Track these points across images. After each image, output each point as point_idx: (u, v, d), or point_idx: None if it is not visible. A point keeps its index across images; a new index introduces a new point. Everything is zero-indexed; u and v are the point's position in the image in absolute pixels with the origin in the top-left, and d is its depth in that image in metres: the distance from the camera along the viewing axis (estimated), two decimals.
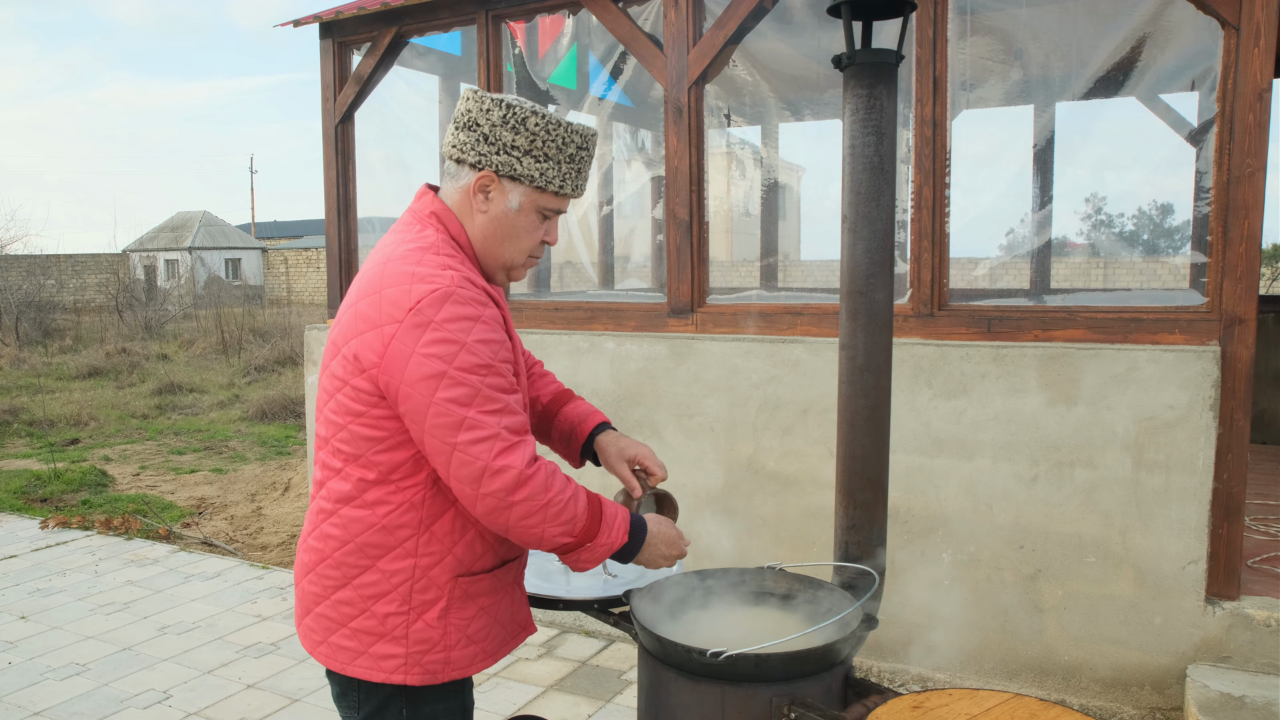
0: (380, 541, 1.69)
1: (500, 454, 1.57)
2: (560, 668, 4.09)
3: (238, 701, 3.80)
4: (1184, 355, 3.46)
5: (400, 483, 1.67)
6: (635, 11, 4.54)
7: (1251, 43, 3.33)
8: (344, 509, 1.70)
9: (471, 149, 1.69)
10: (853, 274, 2.14)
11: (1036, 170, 6.09)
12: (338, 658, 1.74)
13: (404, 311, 1.57)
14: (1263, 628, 3.42)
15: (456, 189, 1.74)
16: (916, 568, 3.94)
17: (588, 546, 1.69)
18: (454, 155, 1.73)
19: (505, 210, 1.72)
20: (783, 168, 7.88)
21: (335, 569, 1.72)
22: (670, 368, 4.41)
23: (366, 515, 1.68)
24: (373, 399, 1.62)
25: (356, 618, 1.71)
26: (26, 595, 5.04)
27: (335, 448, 1.70)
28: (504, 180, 1.70)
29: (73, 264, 33.71)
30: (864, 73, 2.06)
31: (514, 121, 1.67)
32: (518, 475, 1.58)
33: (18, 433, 9.82)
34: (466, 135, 1.70)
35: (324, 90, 5.43)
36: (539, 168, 1.70)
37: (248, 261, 40.11)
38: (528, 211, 1.73)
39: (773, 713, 1.72)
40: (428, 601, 1.71)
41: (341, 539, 1.70)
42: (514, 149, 1.68)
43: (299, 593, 1.81)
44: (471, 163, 1.70)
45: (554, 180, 1.71)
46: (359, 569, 1.70)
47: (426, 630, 1.71)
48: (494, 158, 1.68)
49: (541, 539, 1.64)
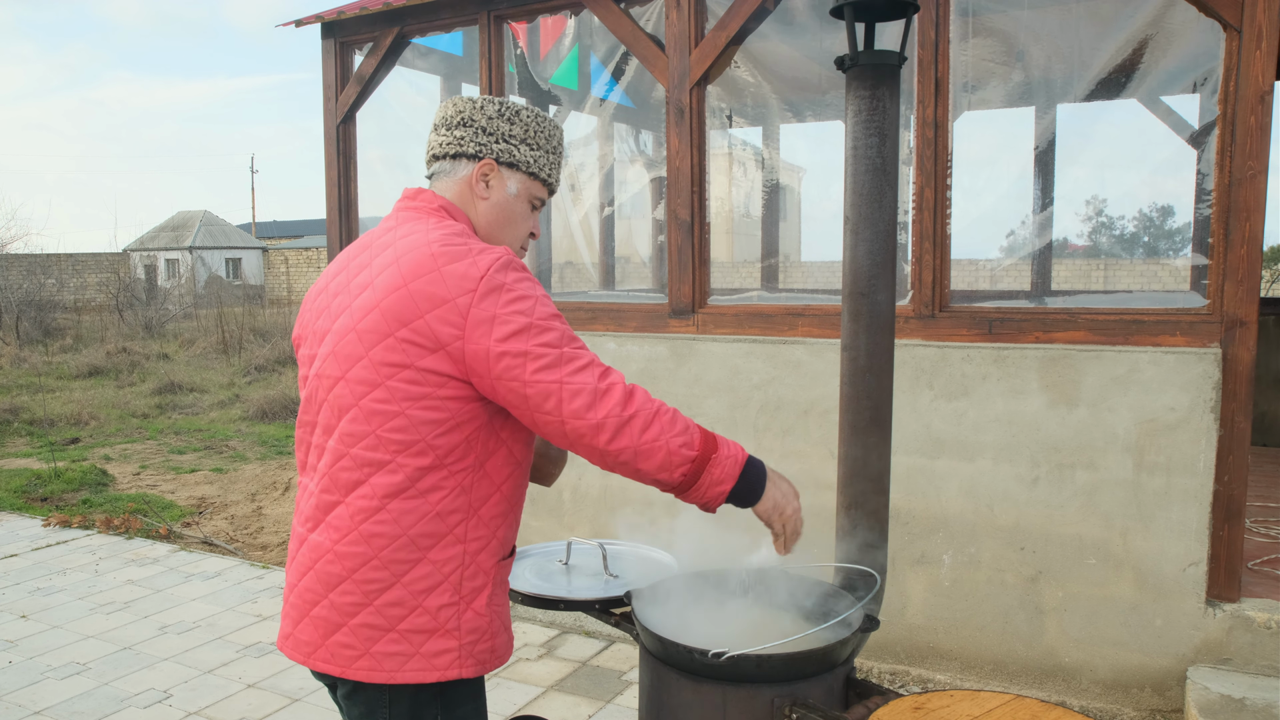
0: (433, 530, 1.66)
1: (602, 375, 1.61)
2: (560, 668, 4.09)
3: (238, 701, 3.80)
4: (1185, 357, 3.46)
5: (452, 466, 1.65)
6: (637, 12, 4.55)
7: (1253, 45, 3.33)
8: (393, 503, 1.64)
9: (471, 141, 1.78)
10: (854, 275, 2.14)
11: (1038, 172, 6.09)
12: (385, 666, 1.66)
13: (476, 280, 1.59)
14: (1263, 630, 3.42)
15: (455, 182, 1.80)
16: (917, 569, 3.94)
17: (715, 460, 1.66)
18: (450, 151, 1.80)
19: (505, 196, 1.80)
20: (784, 169, 7.88)
21: (382, 569, 1.65)
22: (671, 368, 4.41)
23: (419, 505, 1.64)
24: (440, 379, 1.60)
25: (407, 617, 1.66)
26: (27, 594, 5.05)
27: (382, 439, 1.63)
28: (503, 168, 1.79)
29: (73, 263, 33.73)
30: (866, 74, 2.07)
31: (509, 114, 1.79)
32: (623, 389, 1.61)
33: (18, 432, 9.82)
34: (463, 131, 1.79)
35: (325, 90, 5.43)
36: (533, 155, 1.81)
37: (248, 261, 40.13)
38: (522, 199, 1.82)
39: (774, 713, 1.72)
40: (476, 588, 1.71)
41: (391, 535, 1.64)
42: (511, 138, 1.79)
43: (320, 612, 1.68)
44: (471, 154, 1.78)
45: (545, 168, 1.83)
46: (409, 564, 1.65)
47: (476, 619, 1.71)
48: (494, 146, 1.78)
49: (669, 452, 1.62)
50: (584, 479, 4.66)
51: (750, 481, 1.72)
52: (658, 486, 1.66)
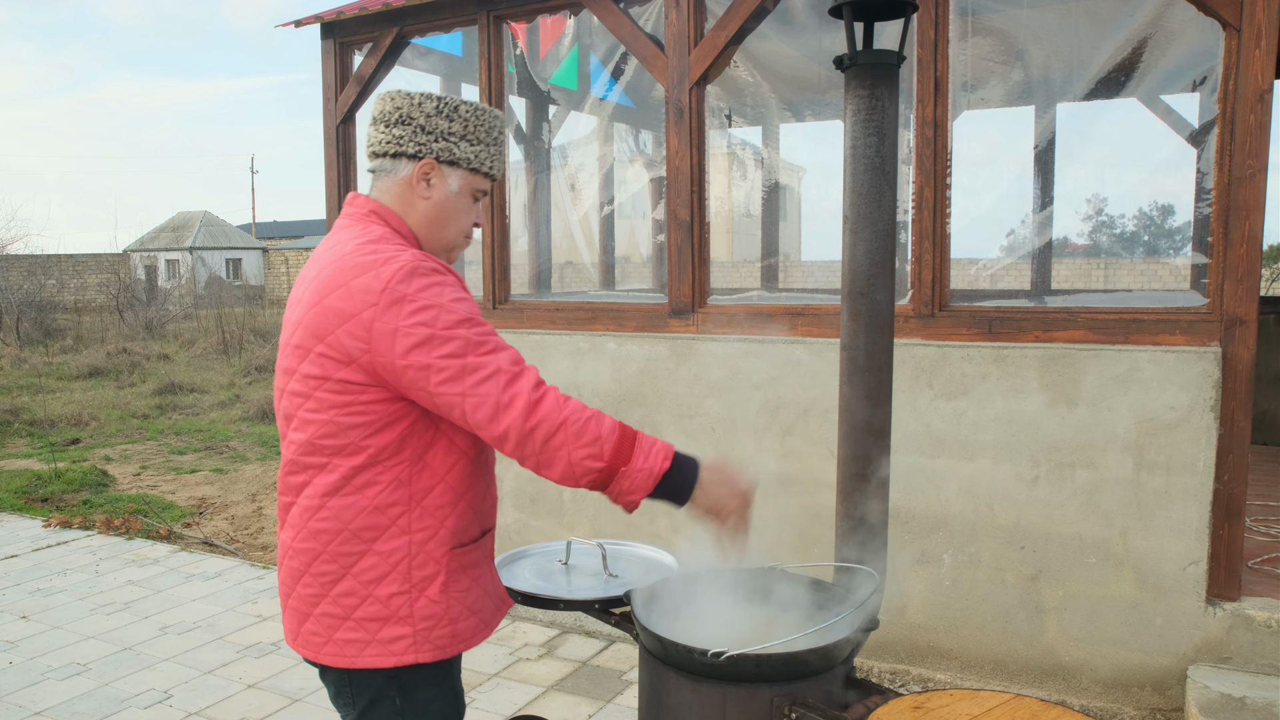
0: (374, 523, 1.72)
1: (506, 385, 1.61)
2: (561, 668, 4.09)
3: (239, 701, 3.80)
4: (1185, 356, 3.46)
5: (386, 462, 1.71)
6: (636, 12, 4.54)
7: (1253, 44, 3.33)
8: (332, 500, 1.72)
9: (410, 140, 1.78)
10: (854, 274, 2.14)
11: (1037, 171, 6.09)
12: (346, 652, 1.76)
13: (377, 294, 1.62)
14: (1263, 628, 3.42)
15: (395, 182, 1.82)
16: (917, 568, 3.94)
17: (623, 473, 1.67)
18: (390, 150, 1.80)
19: (447, 194, 1.82)
20: (783, 168, 7.89)
21: (331, 562, 1.74)
22: (671, 368, 4.41)
23: (357, 500, 1.71)
24: (360, 387, 1.66)
25: (360, 606, 1.74)
26: (27, 595, 5.05)
27: (316, 444, 1.71)
28: (444, 166, 1.81)
29: (73, 264, 33.73)
30: (865, 74, 2.06)
31: (447, 110, 1.79)
32: (527, 399, 1.61)
33: (19, 432, 9.82)
34: (401, 129, 1.79)
35: (325, 91, 5.43)
36: (473, 150, 1.82)
37: (248, 261, 40.13)
38: (464, 194, 1.84)
39: (774, 713, 1.72)
40: (427, 577, 1.75)
41: (334, 530, 1.73)
42: (451, 135, 1.79)
43: (293, 603, 1.81)
44: (410, 153, 1.79)
45: (486, 162, 1.84)
46: (356, 556, 1.73)
47: (430, 606, 1.76)
48: (433, 145, 1.79)
49: (572, 464, 1.63)
50: None
51: (672, 487, 1.72)
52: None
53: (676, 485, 1.73)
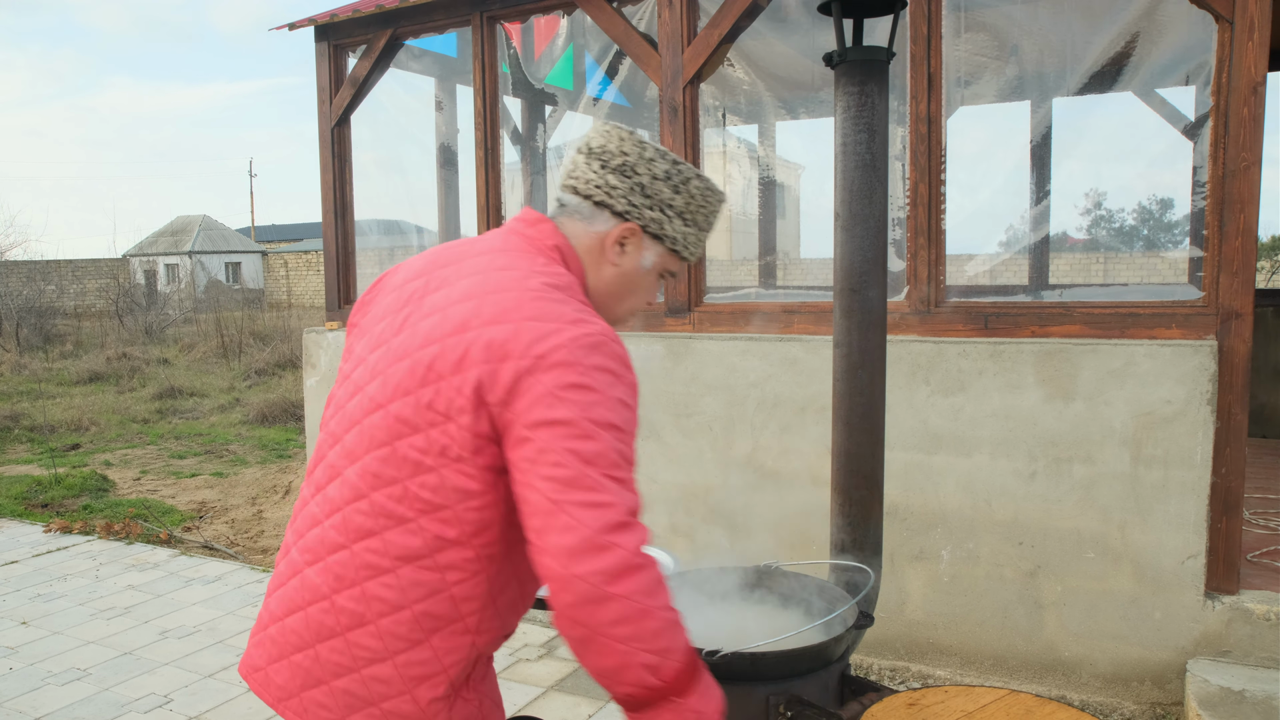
0: (442, 613, 1.44)
1: (612, 530, 1.30)
2: (561, 668, 4.09)
3: (239, 705, 3.80)
4: (1181, 350, 3.46)
5: (481, 549, 1.44)
6: (630, 11, 4.54)
7: (1245, 36, 3.33)
8: (405, 569, 1.43)
9: (623, 196, 1.55)
10: (846, 272, 2.14)
11: (1033, 166, 6.10)
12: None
13: (549, 348, 1.36)
14: (1262, 622, 3.42)
15: (589, 233, 1.57)
16: (916, 565, 3.94)
17: (673, 703, 1.35)
18: (596, 196, 1.56)
19: (637, 267, 1.59)
20: (781, 166, 7.89)
21: (376, 639, 1.45)
22: (668, 367, 4.41)
23: (434, 580, 1.43)
24: (478, 442, 1.39)
25: (392, 699, 1.45)
26: (28, 600, 5.05)
27: (410, 493, 1.41)
28: (646, 237, 1.58)
29: (73, 269, 33.76)
30: (855, 70, 2.07)
31: (678, 180, 1.57)
32: (625, 559, 1.29)
33: (19, 438, 9.83)
34: (618, 180, 1.55)
35: (320, 93, 5.43)
36: (685, 232, 1.59)
37: (248, 265, 40.15)
38: (654, 272, 1.62)
39: (769, 711, 1.72)
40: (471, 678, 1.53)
41: (395, 604, 1.43)
42: (670, 208, 1.57)
43: (302, 659, 1.49)
44: (619, 211, 1.56)
45: (691, 246, 1.62)
46: (408, 643, 1.44)
47: (465, 708, 1.51)
48: (646, 212, 1.56)
49: (624, 664, 1.31)
50: None
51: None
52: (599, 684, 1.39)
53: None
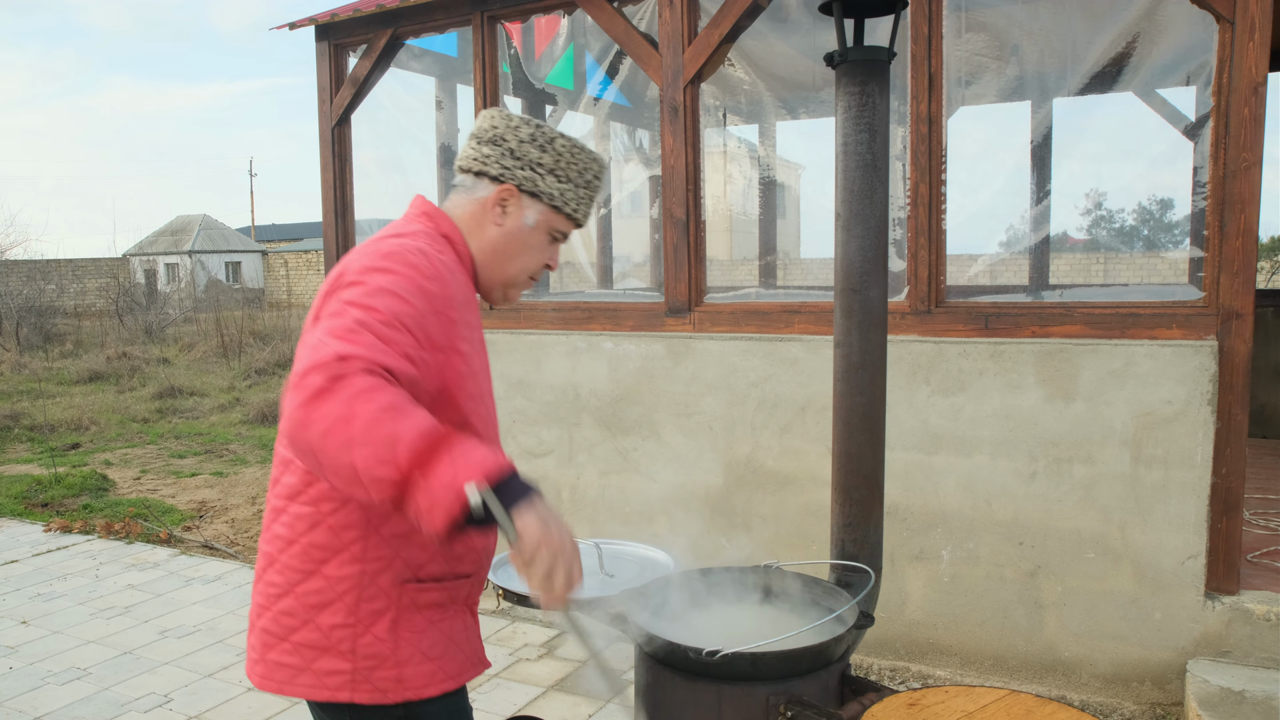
0: (325, 542, 1.58)
1: (343, 334, 1.34)
2: (560, 668, 4.09)
3: (239, 705, 3.80)
4: (1181, 350, 3.46)
5: None
6: (630, 11, 4.54)
7: (1246, 36, 3.32)
8: (292, 505, 1.60)
9: (495, 162, 1.70)
10: (847, 272, 2.14)
11: (1034, 166, 6.09)
12: (275, 676, 1.61)
13: (361, 264, 1.52)
14: (1262, 622, 3.42)
15: (471, 200, 1.72)
16: (916, 565, 3.94)
17: (419, 484, 1.27)
18: (474, 168, 1.72)
19: (520, 226, 1.71)
20: (781, 166, 7.88)
21: (280, 574, 1.61)
22: (668, 367, 4.41)
23: (311, 512, 1.58)
24: None
25: (299, 630, 1.60)
26: (28, 600, 5.05)
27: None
28: (524, 196, 1.70)
29: (73, 268, 33.75)
30: (856, 70, 2.06)
31: (542, 140, 1.70)
32: (336, 356, 1.30)
33: (19, 438, 9.83)
34: (491, 149, 1.70)
35: (320, 93, 5.43)
36: (560, 188, 1.71)
37: (248, 264, 40.14)
38: (540, 230, 1.73)
39: (769, 711, 1.72)
40: (376, 612, 1.59)
41: (288, 539, 1.60)
42: (539, 166, 1.70)
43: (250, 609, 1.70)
44: (493, 175, 1.70)
45: (570, 202, 1.73)
46: (303, 574, 1.59)
47: (376, 645, 1.59)
48: (518, 172, 1.69)
49: (354, 469, 1.27)
50: (582, 479, 4.66)
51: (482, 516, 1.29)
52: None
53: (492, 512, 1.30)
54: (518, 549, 1.32)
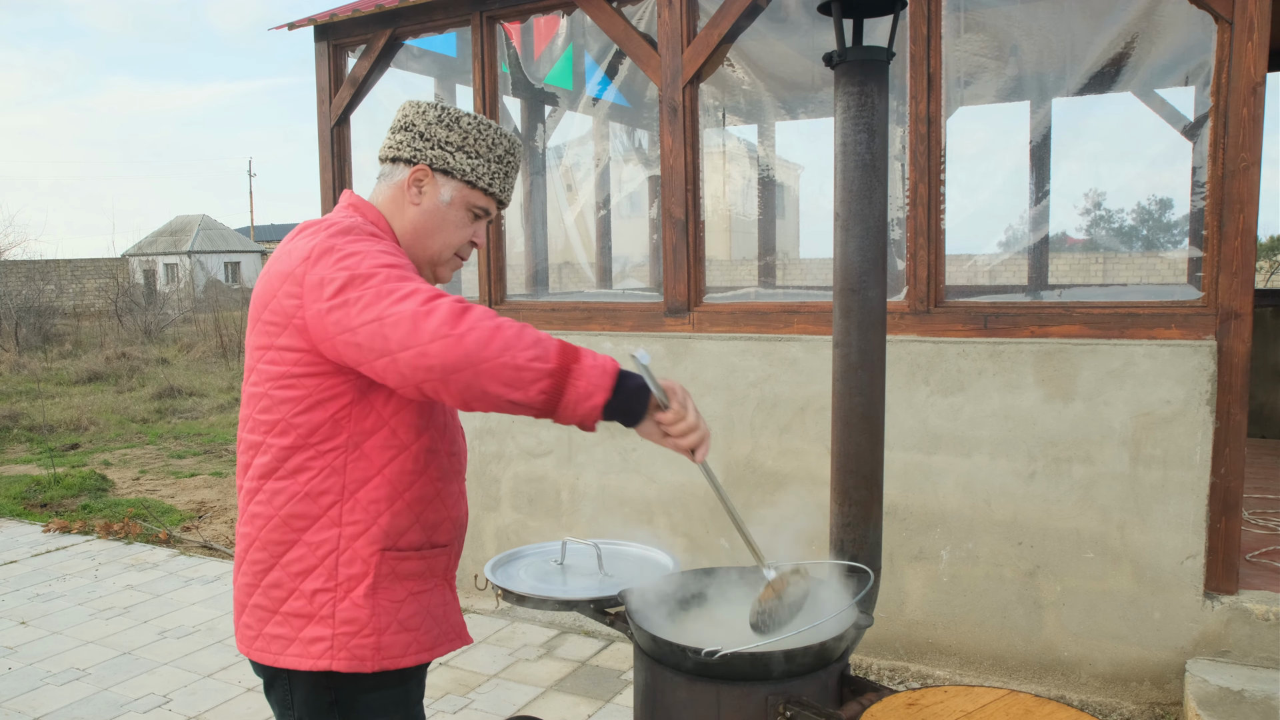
0: (304, 511, 1.66)
1: (426, 300, 1.49)
2: (560, 668, 4.09)
3: (238, 705, 3.80)
4: (1180, 350, 3.46)
5: (319, 446, 1.65)
6: (629, 11, 4.54)
7: (1245, 36, 3.33)
8: (267, 483, 1.68)
9: (407, 146, 1.78)
10: (845, 272, 2.14)
11: (1033, 166, 6.09)
12: (271, 649, 1.69)
13: (309, 250, 1.60)
14: (1261, 622, 3.42)
15: (389, 186, 1.80)
16: (915, 565, 3.94)
17: (577, 371, 1.48)
18: (389, 155, 1.81)
19: (437, 203, 1.79)
20: (781, 166, 7.88)
21: (263, 550, 1.69)
22: (667, 367, 4.41)
23: (289, 485, 1.66)
24: (295, 355, 1.61)
25: (286, 600, 1.68)
26: (26, 600, 5.05)
27: (256, 420, 1.68)
28: (437, 174, 1.78)
29: (72, 269, 33.71)
30: (855, 70, 2.06)
31: (448, 120, 1.78)
32: (451, 306, 1.47)
33: (18, 438, 9.82)
34: (402, 135, 1.79)
35: (319, 93, 5.43)
36: (470, 163, 1.78)
37: (247, 265, 40.13)
38: (458, 207, 1.80)
39: (768, 711, 1.72)
40: (354, 577, 1.67)
41: (266, 515, 1.68)
42: (448, 144, 1.77)
43: (235, 591, 1.77)
44: (406, 158, 1.78)
45: (484, 177, 1.80)
46: (285, 545, 1.67)
47: (353, 610, 1.66)
48: (428, 152, 1.77)
49: (517, 368, 1.44)
50: (581, 479, 4.66)
51: (629, 393, 1.53)
52: (523, 412, 1.51)
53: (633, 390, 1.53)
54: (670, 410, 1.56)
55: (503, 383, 1.45)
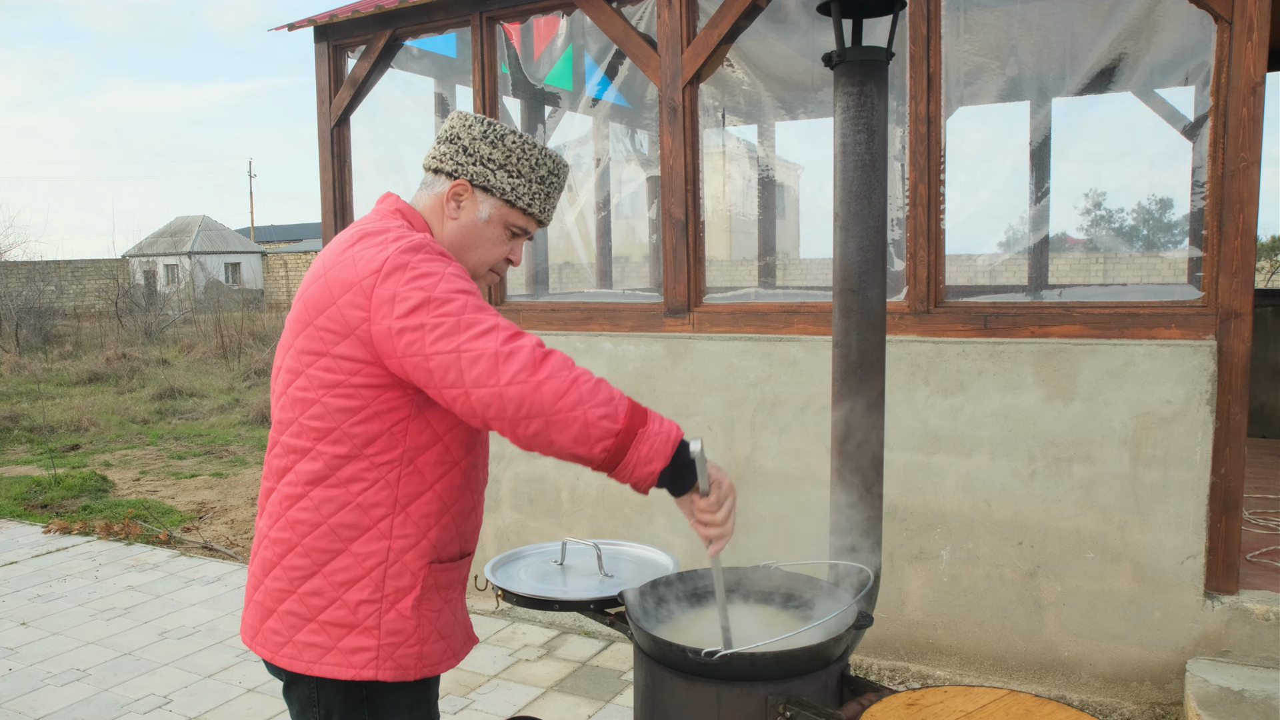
0: (354, 521, 1.66)
1: (507, 339, 1.51)
2: (560, 668, 4.09)
3: (238, 706, 3.80)
4: (1180, 350, 3.46)
5: (375, 458, 1.65)
6: (629, 11, 4.54)
7: (1244, 36, 3.33)
8: (315, 490, 1.66)
9: (450, 159, 1.78)
10: (845, 272, 2.14)
11: (1033, 166, 6.09)
12: (304, 656, 1.68)
13: (381, 262, 1.59)
14: (1262, 621, 3.42)
15: (430, 196, 1.81)
16: (915, 565, 3.94)
17: (642, 435, 1.53)
18: (432, 165, 1.81)
19: (475, 220, 1.79)
20: (780, 166, 7.88)
21: (304, 557, 1.68)
22: (668, 367, 4.41)
23: (340, 494, 1.65)
24: (355, 365, 1.61)
25: (326, 609, 1.67)
26: (27, 601, 5.05)
27: (304, 426, 1.66)
28: (477, 190, 1.78)
29: (72, 270, 33.72)
30: (854, 71, 2.07)
31: (493, 136, 1.77)
32: (532, 351, 1.50)
33: (18, 439, 9.83)
34: (447, 147, 1.79)
35: (319, 94, 5.43)
36: (511, 182, 1.78)
37: (247, 265, 40.13)
38: (496, 224, 1.80)
39: (768, 711, 1.72)
40: (401, 589, 1.68)
41: (312, 522, 1.67)
42: (490, 161, 1.77)
43: (258, 597, 1.74)
44: (448, 171, 1.78)
45: (524, 197, 1.79)
46: (330, 554, 1.66)
47: (400, 621, 1.68)
48: (470, 168, 1.77)
49: (587, 424, 1.49)
50: (582, 479, 4.66)
51: (684, 465, 1.59)
52: (581, 464, 1.56)
53: (690, 463, 1.59)
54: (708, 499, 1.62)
55: (571, 437, 1.51)
